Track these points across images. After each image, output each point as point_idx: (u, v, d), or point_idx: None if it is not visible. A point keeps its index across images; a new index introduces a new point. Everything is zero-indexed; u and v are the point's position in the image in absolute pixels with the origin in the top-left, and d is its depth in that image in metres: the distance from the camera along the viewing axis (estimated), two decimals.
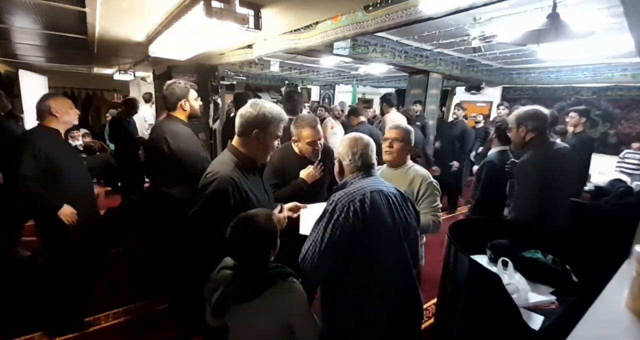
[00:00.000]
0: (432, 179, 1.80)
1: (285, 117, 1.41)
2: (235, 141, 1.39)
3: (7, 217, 2.86)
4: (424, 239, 1.99)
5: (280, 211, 1.42)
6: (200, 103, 2.22)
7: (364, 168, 1.28)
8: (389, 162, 1.89)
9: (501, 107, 5.00)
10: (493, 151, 2.57)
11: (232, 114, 4.65)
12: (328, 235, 1.12)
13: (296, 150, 1.94)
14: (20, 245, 3.13)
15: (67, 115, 2.00)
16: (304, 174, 1.87)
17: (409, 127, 1.93)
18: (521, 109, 2.02)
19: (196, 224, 1.32)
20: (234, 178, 1.29)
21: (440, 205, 1.81)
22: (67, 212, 1.90)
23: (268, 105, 1.36)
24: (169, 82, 2.10)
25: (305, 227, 1.40)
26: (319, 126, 1.88)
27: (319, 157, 1.93)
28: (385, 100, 3.98)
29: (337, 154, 1.36)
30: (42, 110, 1.94)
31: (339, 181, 1.34)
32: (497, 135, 2.57)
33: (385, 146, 1.87)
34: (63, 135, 2.06)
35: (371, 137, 1.36)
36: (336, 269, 1.15)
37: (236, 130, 1.38)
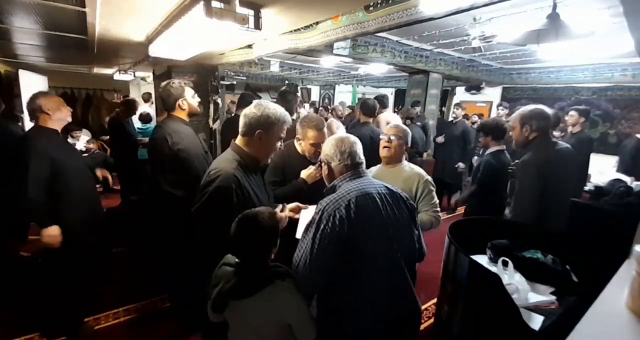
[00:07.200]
0: (427, 177, 1.84)
1: (289, 118, 1.41)
2: (238, 140, 1.40)
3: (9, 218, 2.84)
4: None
5: (282, 210, 1.43)
6: (199, 99, 2.21)
7: (353, 167, 1.27)
8: (387, 158, 1.90)
9: (500, 108, 5.00)
10: (490, 151, 2.55)
11: (232, 114, 4.63)
12: (317, 245, 1.11)
13: (298, 149, 1.93)
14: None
15: (59, 113, 1.97)
16: (305, 174, 1.86)
17: (407, 128, 1.96)
18: (525, 108, 2.00)
19: (198, 220, 1.32)
20: (236, 176, 1.29)
21: (438, 201, 1.86)
22: (51, 233, 1.81)
23: (272, 106, 1.36)
24: (163, 83, 2.10)
25: (302, 231, 1.38)
26: (325, 129, 1.87)
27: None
28: (379, 102, 3.96)
29: (323, 156, 1.33)
30: (34, 110, 1.92)
31: (328, 184, 1.32)
32: (492, 135, 2.55)
33: (383, 142, 1.89)
34: (61, 135, 2.05)
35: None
36: (328, 276, 1.15)
37: (240, 129, 1.38)
